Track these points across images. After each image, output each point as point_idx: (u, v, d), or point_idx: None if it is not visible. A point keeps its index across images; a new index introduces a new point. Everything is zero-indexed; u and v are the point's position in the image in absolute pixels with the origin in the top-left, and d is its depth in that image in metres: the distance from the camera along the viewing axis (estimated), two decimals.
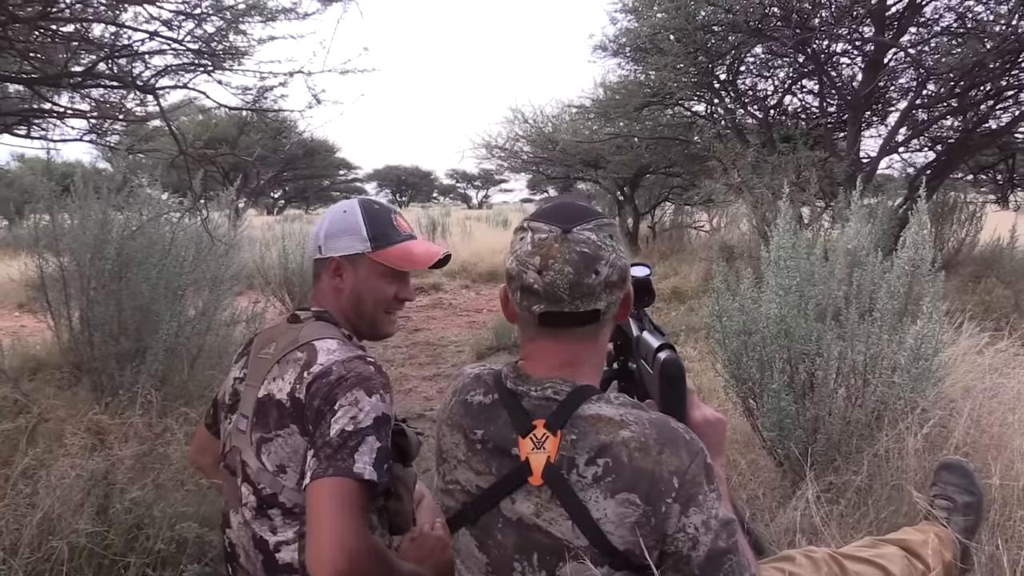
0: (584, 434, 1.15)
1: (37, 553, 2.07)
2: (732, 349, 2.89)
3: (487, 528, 1.23)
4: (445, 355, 6.14)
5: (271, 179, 21.71)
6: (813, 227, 6.12)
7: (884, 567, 1.75)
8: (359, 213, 1.69)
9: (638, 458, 1.11)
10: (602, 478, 1.12)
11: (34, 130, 5.01)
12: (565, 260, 1.16)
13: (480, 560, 1.25)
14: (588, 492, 1.12)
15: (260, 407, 1.53)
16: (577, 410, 1.17)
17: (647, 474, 1.11)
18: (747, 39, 7.27)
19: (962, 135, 7.41)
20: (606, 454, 1.12)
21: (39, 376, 4.08)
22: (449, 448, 1.31)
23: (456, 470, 1.29)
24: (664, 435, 1.14)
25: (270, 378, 1.54)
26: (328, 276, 1.69)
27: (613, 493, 1.11)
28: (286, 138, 17.88)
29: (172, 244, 3.91)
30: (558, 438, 1.16)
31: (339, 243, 1.67)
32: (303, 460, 1.45)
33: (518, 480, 1.18)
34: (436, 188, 65.24)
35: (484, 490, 1.23)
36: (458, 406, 1.32)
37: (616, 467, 1.11)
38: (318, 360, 1.50)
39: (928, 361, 2.62)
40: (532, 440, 1.18)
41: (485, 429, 1.25)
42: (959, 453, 2.41)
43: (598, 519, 1.11)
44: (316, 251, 1.70)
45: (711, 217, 14.44)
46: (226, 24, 3.85)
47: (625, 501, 1.11)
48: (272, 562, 1.50)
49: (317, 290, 1.72)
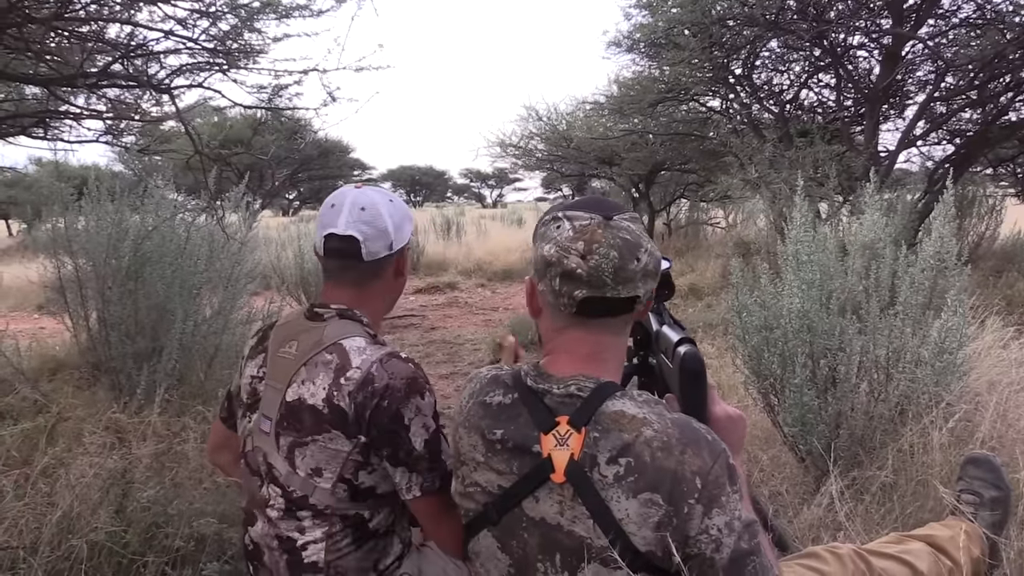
0: (606, 432, 1.14)
1: (57, 551, 2.07)
2: (752, 345, 2.86)
3: (510, 528, 1.22)
4: (462, 353, 6.13)
5: (286, 180, 21.81)
6: (832, 222, 6.06)
7: (911, 563, 1.72)
8: (396, 198, 1.69)
9: (661, 458, 1.10)
10: (624, 477, 1.11)
11: (51, 132, 5.04)
12: (610, 245, 1.17)
13: (502, 561, 1.24)
14: (610, 491, 1.11)
15: (290, 411, 1.51)
16: (601, 407, 1.16)
17: (670, 474, 1.10)
18: (763, 33, 7.21)
19: (981, 128, 7.32)
20: (628, 453, 1.11)
21: (58, 376, 4.10)
22: (467, 451, 1.30)
23: (475, 472, 1.28)
24: (687, 435, 1.13)
25: (298, 381, 1.51)
26: (393, 270, 1.67)
27: (635, 493, 1.10)
28: (301, 138, 17.95)
29: (187, 243, 3.92)
30: (582, 435, 1.15)
31: (403, 232, 1.65)
32: (343, 462, 1.48)
33: (540, 477, 1.17)
34: (450, 187, 65.39)
35: (506, 489, 1.22)
36: (476, 407, 1.30)
37: (638, 466, 1.10)
38: (352, 363, 1.48)
39: (953, 355, 2.58)
40: (555, 437, 1.17)
41: (505, 428, 1.23)
42: (985, 447, 2.38)
43: (620, 519, 1.10)
44: (385, 248, 1.61)
45: (727, 214, 14.37)
46: (241, 22, 3.85)
47: (648, 501, 1.09)
48: (297, 561, 1.50)
49: (368, 292, 1.65)
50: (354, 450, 1.48)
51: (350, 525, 1.51)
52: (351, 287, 1.64)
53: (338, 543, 1.50)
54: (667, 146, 11.52)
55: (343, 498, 1.49)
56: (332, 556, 1.49)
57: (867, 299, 2.67)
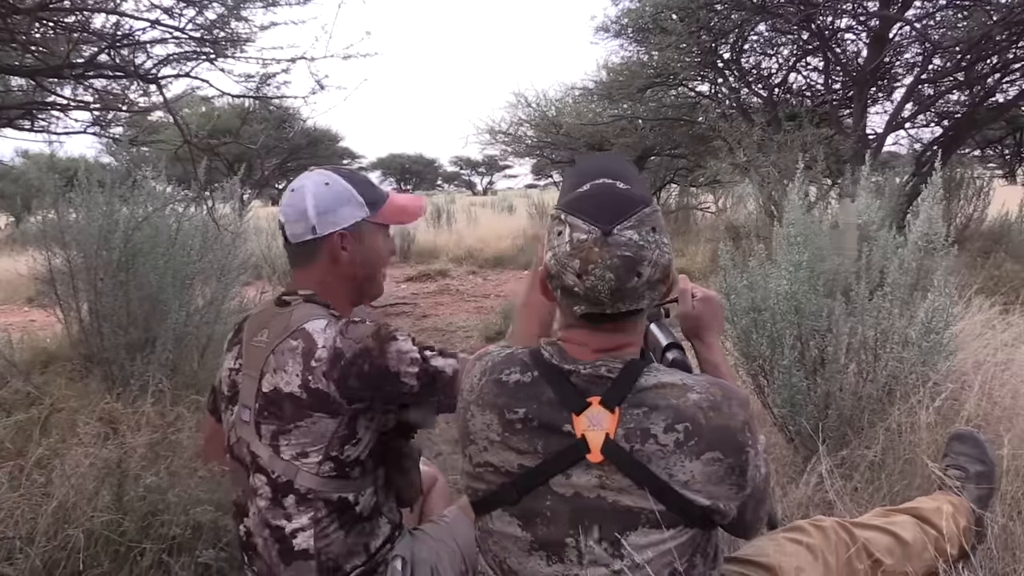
0: (655, 404, 1.17)
1: (53, 541, 2.08)
2: (741, 327, 2.88)
3: (532, 506, 1.22)
4: (454, 340, 6.13)
5: (275, 169, 21.69)
6: (820, 204, 6.09)
7: (895, 533, 1.75)
8: (342, 180, 1.64)
9: (713, 417, 1.16)
10: (685, 442, 1.15)
11: (38, 123, 5.01)
12: (606, 266, 1.15)
13: (523, 539, 1.23)
14: (672, 458, 1.14)
15: (268, 401, 1.52)
16: (636, 383, 1.19)
17: (726, 430, 1.16)
18: (751, 16, 7.22)
19: (969, 109, 7.36)
20: (683, 418, 1.15)
21: (50, 369, 4.10)
22: (479, 429, 1.27)
23: (486, 452, 1.26)
24: (725, 391, 1.21)
25: (270, 370, 1.52)
26: (328, 254, 1.62)
27: (698, 455, 1.15)
28: (290, 127, 17.83)
29: (178, 234, 3.92)
30: (616, 414, 1.17)
31: (338, 216, 1.61)
32: (329, 441, 1.50)
33: (574, 457, 1.18)
34: (440, 175, 65.06)
35: (530, 469, 1.21)
36: (490, 385, 1.28)
37: (696, 429, 1.15)
38: (317, 344, 1.50)
39: (939, 335, 2.60)
40: (587, 417, 1.18)
41: (527, 407, 1.22)
42: (971, 425, 2.40)
43: (686, 481, 1.15)
44: (307, 232, 1.60)
45: (717, 198, 14.39)
46: (227, 11, 3.84)
47: (711, 460, 1.15)
48: (288, 549, 1.51)
49: (307, 272, 1.65)
50: (340, 427, 1.50)
51: (335, 510, 1.53)
52: (298, 270, 1.67)
53: (326, 529, 1.52)
54: (656, 131, 11.52)
55: (328, 477, 1.51)
56: (322, 543, 1.51)
57: (857, 281, 2.69)
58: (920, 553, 1.76)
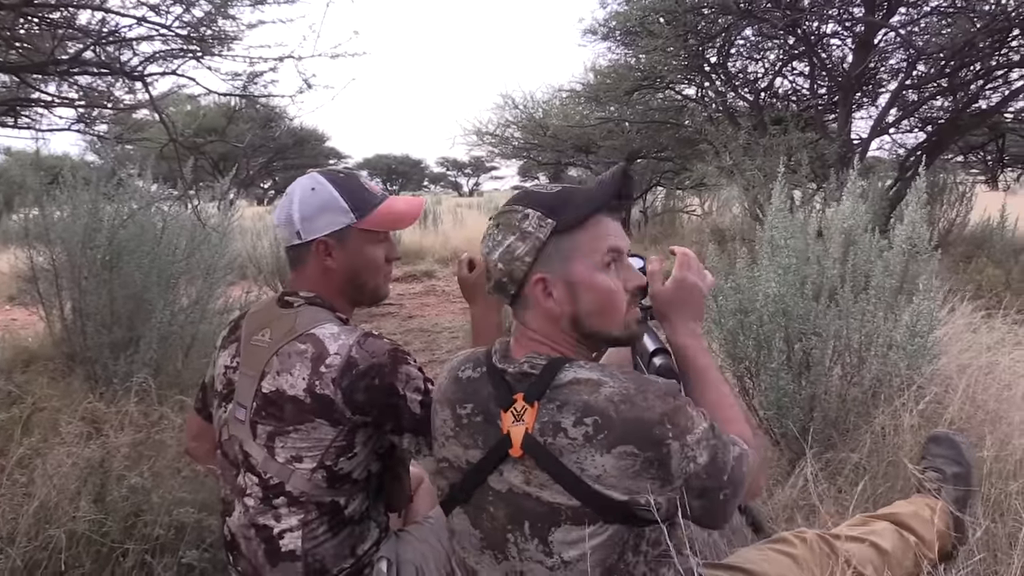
0: (567, 398, 1.17)
1: (35, 542, 2.06)
2: (728, 328, 2.89)
3: (479, 503, 1.26)
4: (439, 341, 6.12)
5: (261, 168, 21.60)
6: (805, 208, 6.13)
7: (875, 543, 1.77)
8: (329, 186, 1.62)
9: (625, 410, 1.14)
10: (594, 436, 1.14)
11: (21, 120, 4.96)
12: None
13: (475, 536, 1.27)
14: (582, 452, 1.14)
15: (267, 401, 1.51)
16: (554, 379, 1.20)
17: (639, 422, 1.13)
18: (737, 21, 7.26)
19: (952, 115, 7.42)
20: (592, 412, 1.15)
21: (32, 368, 4.05)
22: (439, 426, 1.35)
23: (444, 447, 1.33)
24: (641, 383, 1.18)
25: (272, 372, 1.51)
26: (315, 260, 1.62)
27: (608, 448, 1.13)
28: (276, 126, 17.77)
29: (163, 233, 3.89)
30: (535, 409, 1.19)
31: (320, 223, 1.60)
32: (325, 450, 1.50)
33: (501, 453, 1.21)
34: (427, 176, 64.89)
35: (473, 464, 1.26)
36: (449, 383, 1.35)
37: (606, 423, 1.14)
38: (329, 350, 1.49)
39: (924, 338, 2.62)
40: (512, 413, 1.21)
41: (473, 403, 1.28)
42: (955, 428, 2.42)
43: (598, 476, 1.14)
44: (293, 237, 1.61)
45: (702, 201, 14.45)
46: (215, 8, 3.82)
47: (623, 454, 1.13)
48: (275, 550, 1.50)
49: (301, 276, 1.65)
50: (338, 437, 1.49)
51: (326, 512, 1.52)
52: (293, 271, 1.68)
53: (314, 531, 1.51)
54: (643, 134, 11.57)
55: (320, 485, 1.50)
56: (309, 544, 1.50)
57: (842, 284, 2.71)
58: (900, 561, 1.78)
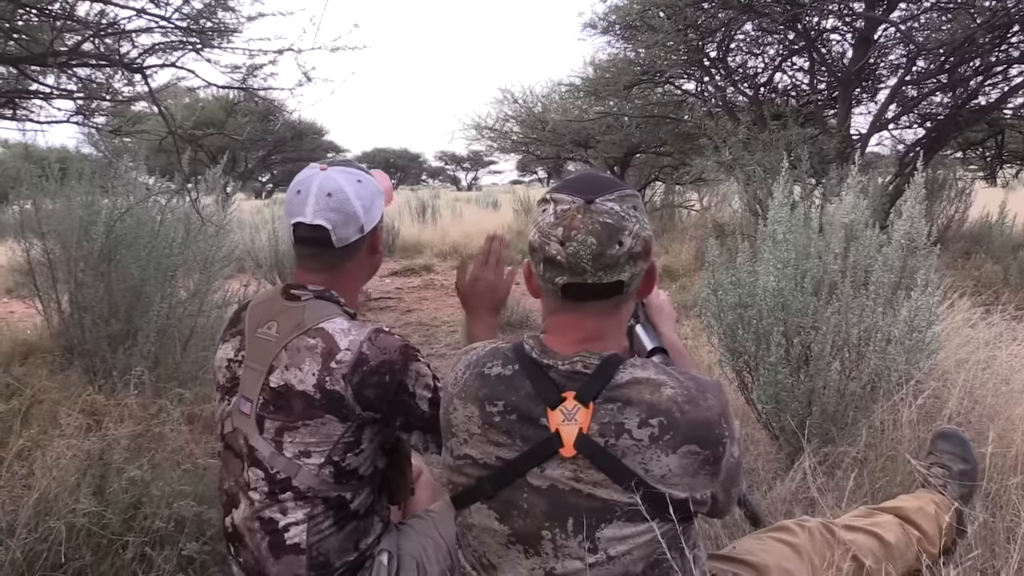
0: (628, 399, 1.17)
1: (34, 534, 2.06)
2: (727, 323, 2.89)
3: (510, 499, 1.23)
4: (438, 335, 6.12)
5: (259, 162, 21.55)
6: (804, 204, 6.13)
7: (879, 535, 1.77)
8: (367, 174, 1.63)
9: (689, 411, 1.17)
10: (660, 437, 1.15)
11: (19, 112, 4.94)
12: (588, 231, 1.17)
13: (500, 532, 1.24)
14: (647, 453, 1.15)
15: (275, 396, 1.50)
16: (612, 379, 1.19)
17: (702, 423, 1.17)
18: (737, 16, 7.23)
19: (951, 111, 7.41)
20: (657, 413, 1.16)
21: (30, 360, 4.05)
22: (460, 422, 1.29)
23: (466, 444, 1.28)
24: (699, 384, 1.21)
25: (281, 366, 1.51)
26: (368, 250, 1.66)
27: (674, 448, 1.16)
28: (275, 119, 17.72)
29: (161, 225, 3.89)
30: (590, 409, 1.17)
31: (375, 211, 1.63)
32: (333, 445, 1.49)
33: (548, 451, 1.19)
34: (425, 170, 64.90)
35: (508, 461, 1.23)
36: (473, 378, 1.29)
37: (671, 424, 1.16)
38: (340, 345, 1.49)
39: (922, 334, 2.63)
40: (562, 412, 1.19)
41: (506, 400, 1.24)
42: (953, 423, 2.43)
43: (663, 475, 1.16)
44: (357, 232, 1.60)
45: (702, 196, 14.44)
46: (214, 1, 3.80)
47: (687, 453, 1.17)
48: (279, 543, 1.50)
49: (343, 273, 1.64)
50: (346, 433, 1.49)
51: (332, 507, 1.52)
52: (325, 271, 1.63)
53: (320, 524, 1.51)
54: (642, 129, 11.54)
55: (327, 480, 1.50)
56: (314, 538, 1.50)
57: (842, 279, 2.71)
58: (903, 554, 1.78)
